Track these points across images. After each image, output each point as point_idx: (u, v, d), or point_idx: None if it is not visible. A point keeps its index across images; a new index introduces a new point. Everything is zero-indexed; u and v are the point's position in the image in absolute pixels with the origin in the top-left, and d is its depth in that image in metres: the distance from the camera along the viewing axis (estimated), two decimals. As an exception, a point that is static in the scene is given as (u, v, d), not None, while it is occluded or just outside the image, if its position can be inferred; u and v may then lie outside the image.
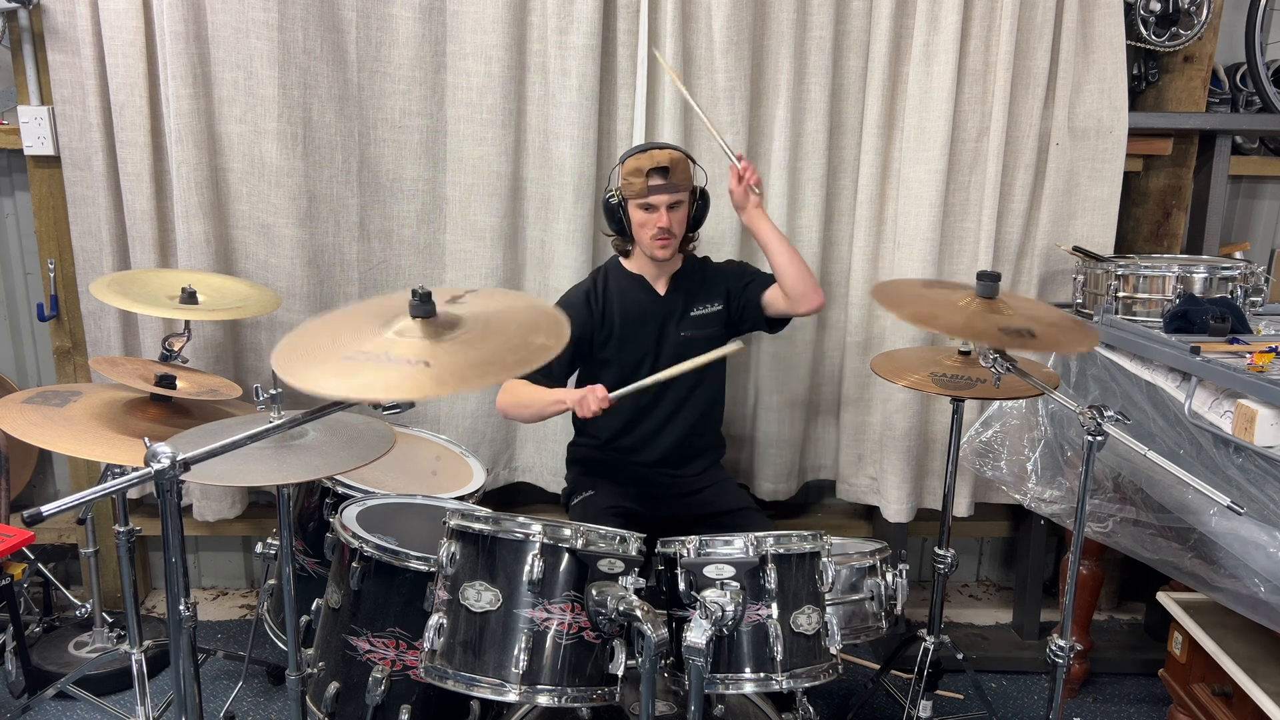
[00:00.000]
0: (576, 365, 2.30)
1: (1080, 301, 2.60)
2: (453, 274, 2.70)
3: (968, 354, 2.15)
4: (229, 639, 2.83)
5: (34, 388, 2.11)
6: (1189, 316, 2.21)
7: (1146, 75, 2.87)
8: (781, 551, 1.63)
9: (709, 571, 1.61)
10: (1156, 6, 2.74)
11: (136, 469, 1.21)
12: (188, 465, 1.22)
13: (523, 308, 1.63)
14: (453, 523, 1.60)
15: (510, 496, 2.98)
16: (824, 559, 1.68)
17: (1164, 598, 2.30)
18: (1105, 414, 1.59)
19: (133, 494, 2.72)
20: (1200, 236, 2.92)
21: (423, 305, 1.39)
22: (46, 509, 1.11)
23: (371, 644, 1.73)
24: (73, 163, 2.60)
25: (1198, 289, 2.35)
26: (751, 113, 2.64)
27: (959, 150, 2.67)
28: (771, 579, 1.61)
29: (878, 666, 2.53)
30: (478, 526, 1.57)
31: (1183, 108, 2.85)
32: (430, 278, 2.71)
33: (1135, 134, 2.74)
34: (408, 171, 2.64)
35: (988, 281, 1.87)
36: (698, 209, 2.26)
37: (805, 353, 2.82)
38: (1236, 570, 1.82)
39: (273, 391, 1.51)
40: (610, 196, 2.22)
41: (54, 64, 2.54)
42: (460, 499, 2.24)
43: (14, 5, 2.47)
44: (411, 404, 1.46)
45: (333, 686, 1.74)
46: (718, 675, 1.59)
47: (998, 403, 2.55)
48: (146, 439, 1.30)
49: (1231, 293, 2.36)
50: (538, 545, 1.54)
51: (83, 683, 2.38)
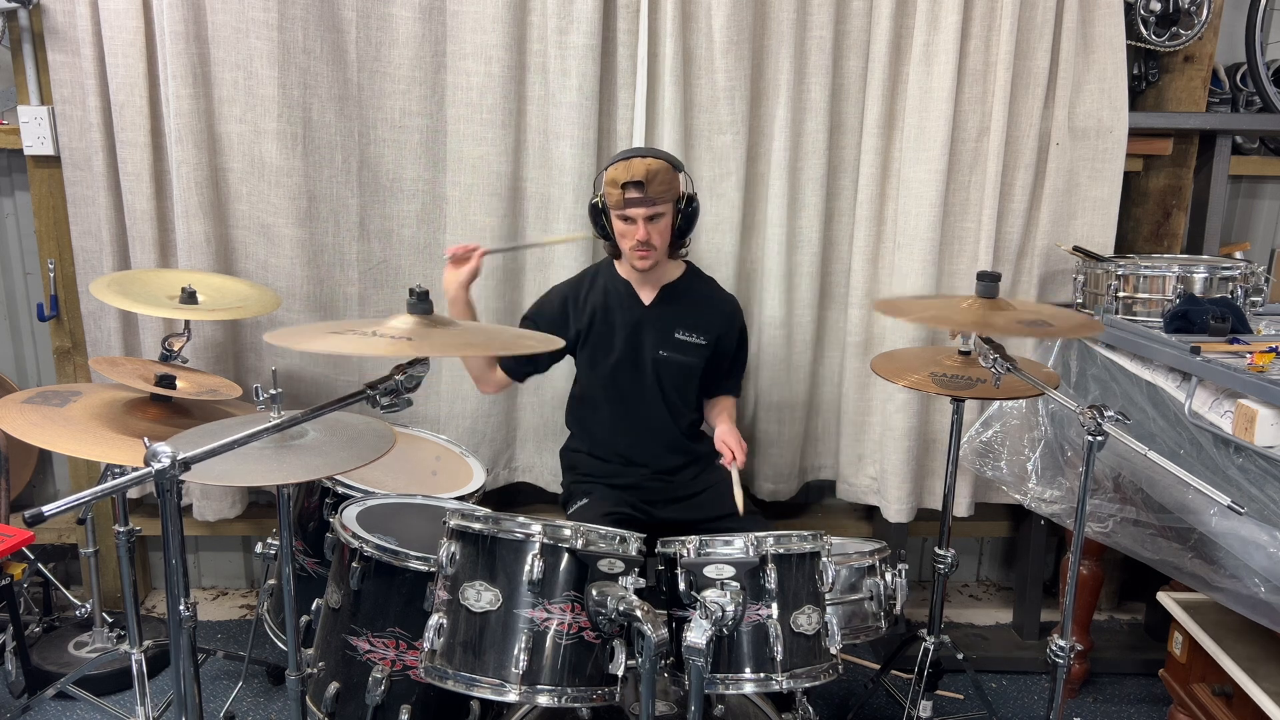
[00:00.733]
0: (559, 356, 2.34)
1: (1080, 301, 2.60)
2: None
3: (968, 354, 2.15)
4: (229, 639, 2.83)
5: (34, 388, 2.11)
6: (1189, 316, 2.21)
7: (1147, 75, 2.87)
8: (781, 551, 1.63)
9: (709, 571, 1.61)
10: (1156, 6, 2.74)
11: (136, 469, 1.21)
12: (188, 465, 1.22)
13: (512, 335, 1.78)
14: (453, 523, 1.60)
15: (510, 497, 2.98)
16: (824, 559, 1.68)
17: (1164, 598, 2.30)
18: (1105, 414, 1.59)
19: (133, 494, 2.72)
20: (1200, 236, 2.92)
21: (420, 303, 1.40)
22: (47, 509, 1.11)
23: (371, 644, 1.73)
24: (73, 163, 2.60)
25: (1198, 289, 2.35)
26: (751, 113, 2.64)
27: (959, 150, 2.67)
28: (771, 579, 1.61)
29: (878, 666, 2.53)
30: (477, 526, 1.57)
31: (1183, 108, 2.85)
32: (430, 278, 2.70)
33: (1135, 134, 2.74)
34: (408, 171, 2.64)
35: (988, 282, 1.87)
36: (684, 218, 2.18)
37: (805, 353, 2.82)
38: (1237, 570, 1.82)
39: (273, 391, 1.51)
40: (595, 201, 2.20)
41: (54, 64, 2.54)
42: (460, 499, 2.24)
43: (14, 5, 2.47)
44: (409, 402, 1.46)
45: (333, 686, 1.74)
46: (718, 675, 1.59)
47: (998, 403, 2.55)
48: (146, 439, 1.30)
49: (1232, 293, 2.36)
50: (538, 545, 1.54)
51: (83, 683, 2.38)
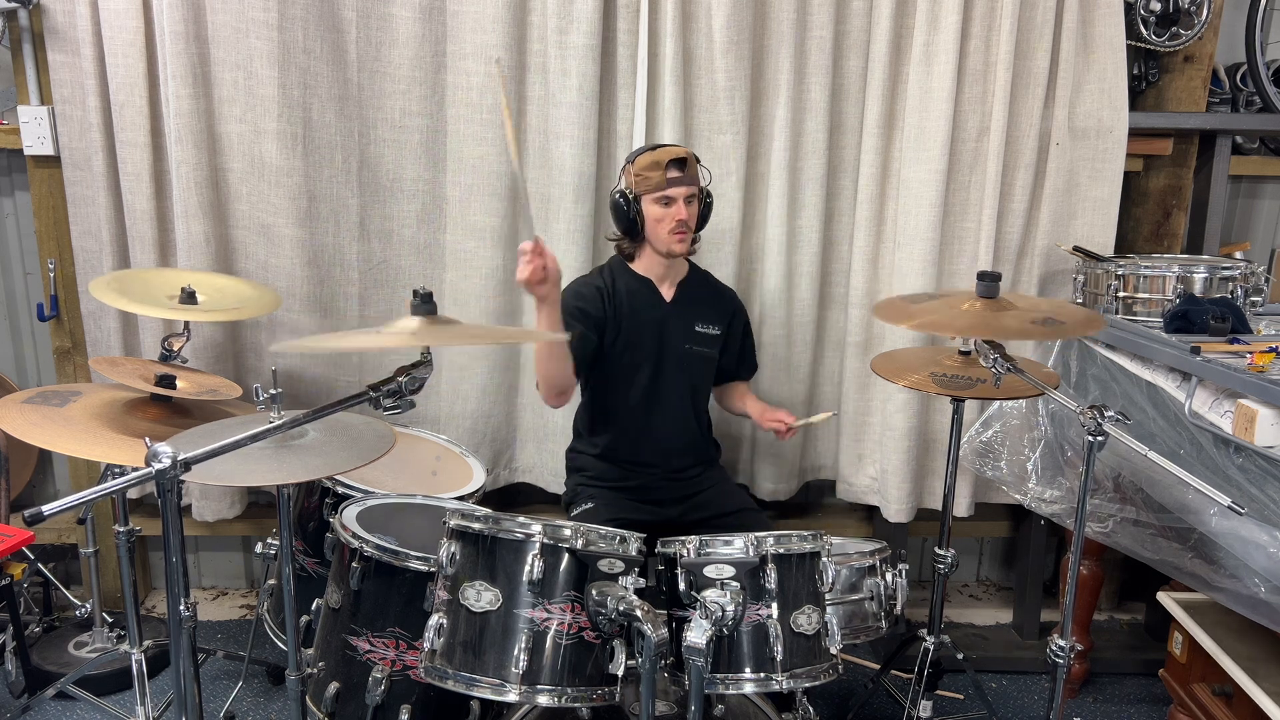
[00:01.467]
0: (596, 348, 2.20)
1: (1080, 301, 2.60)
2: (453, 274, 2.70)
3: (968, 354, 2.15)
4: (229, 639, 2.83)
5: (34, 388, 2.12)
6: (1189, 316, 2.21)
7: (1147, 75, 2.87)
8: (781, 551, 1.63)
9: (709, 571, 1.61)
10: (1157, 6, 2.74)
11: (136, 469, 1.21)
12: (188, 465, 1.22)
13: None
14: (453, 523, 1.60)
15: (510, 497, 2.98)
16: (824, 559, 1.68)
17: (1164, 598, 2.30)
18: (1105, 414, 1.59)
19: (133, 494, 2.72)
20: (1200, 236, 2.92)
21: (424, 304, 1.40)
22: (47, 509, 1.11)
23: (371, 644, 1.73)
24: (73, 163, 2.60)
25: (1198, 289, 2.35)
26: (751, 113, 2.64)
27: (959, 150, 2.67)
28: (771, 579, 1.61)
29: (878, 666, 2.53)
30: (478, 526, 1.57)
31: (1183, 108, 2.85)
32: (430, 278, 2.71)
33: (1135, 134, 2.74)
34: (408, 171, 2.64)
35: (988, 282, 1.87)
36: (704, 208, 2.27)
37: (805, 353, 2.82)
38: (1237, 570, 1.82)
39: (273, 391, 1.51)
40: (620, 195, 2.20)
41: (54, 64, 2.54)
42: (460, 499, 2.24)
43: (14, 5, 2.47)
44: (412, 404, 1.47)
45: (333, 686, 1.74)
46: (718, 675, 1.59)
47: (998, 403, 2.55)
48: (147, 439, 1.30)
49: (1232, 293, 2.36)
50: (538, 545, 1.54)
51: (83, 683, 2.38)
